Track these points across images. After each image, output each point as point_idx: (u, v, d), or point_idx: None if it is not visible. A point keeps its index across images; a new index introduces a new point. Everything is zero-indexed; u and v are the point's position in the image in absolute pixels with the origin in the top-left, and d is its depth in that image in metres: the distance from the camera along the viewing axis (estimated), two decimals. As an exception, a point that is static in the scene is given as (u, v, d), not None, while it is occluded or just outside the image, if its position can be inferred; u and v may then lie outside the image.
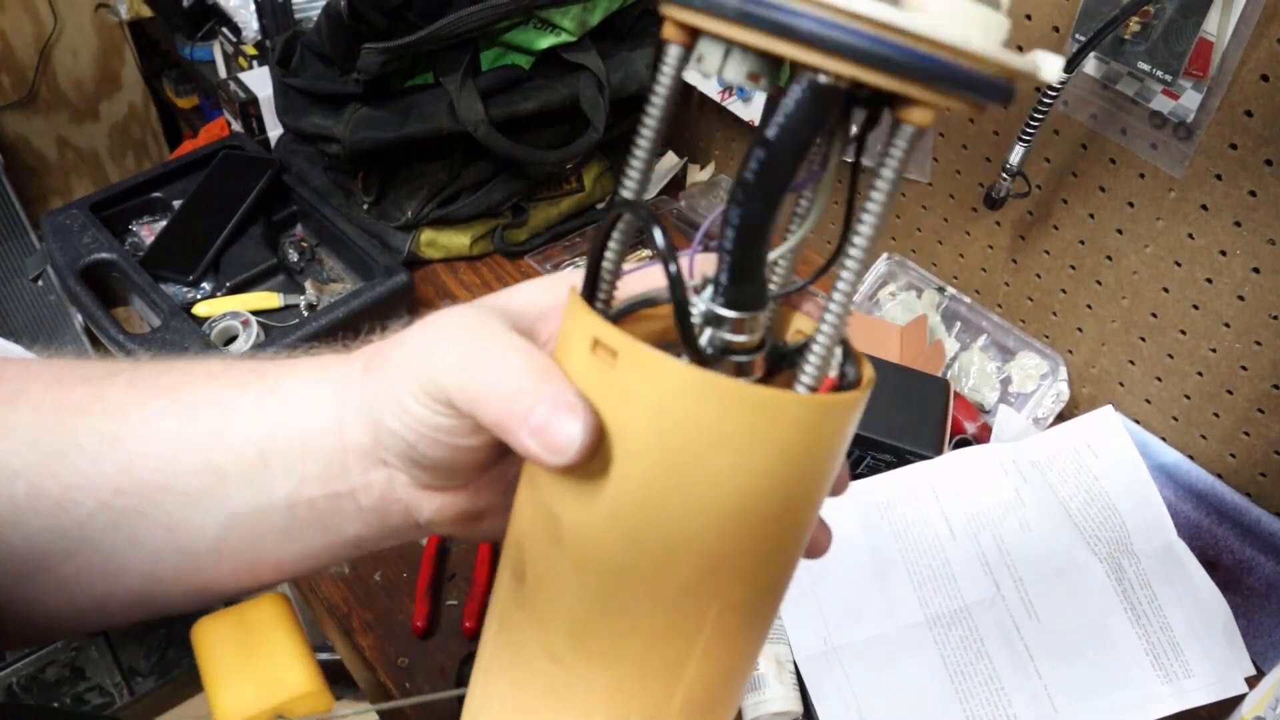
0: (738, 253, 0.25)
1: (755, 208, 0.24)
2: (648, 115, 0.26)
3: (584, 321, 0.26)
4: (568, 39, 1.07)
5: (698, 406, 0.24)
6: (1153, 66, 0.77)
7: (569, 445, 0.26)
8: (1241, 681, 0.71)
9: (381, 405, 0.31)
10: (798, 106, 0.23)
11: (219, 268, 1.03)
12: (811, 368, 0.26)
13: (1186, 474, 0.89)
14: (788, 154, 0.23)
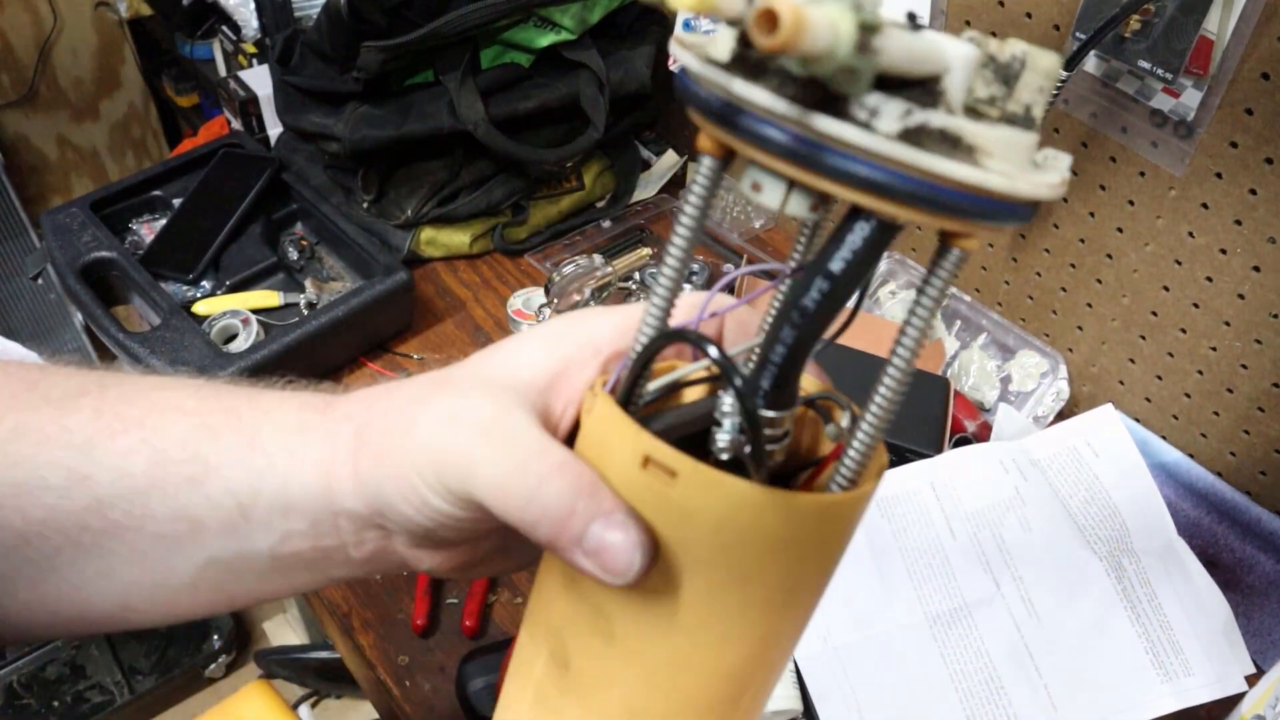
0: (786, 366, 0.26)
1: (810, 331, 0.25)
2: (680, 225, 0.26)
3: (631, 438, 0.26)
4: (567, 37, 1.07)
5: (762, 520, 0.26)
6: (1153, 65, 0.77)
7: (629, 568, 0.26)
8: (1241, 680, 0.71)
9: (390, 490, 0.30)
10: (865, 244, 0.24)
11: (219, 266, 1.03)
12: (851, 468, 0.27)
13: (1187, 472, 0.89)
14: (849, 285, 0.24)
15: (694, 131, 0.24)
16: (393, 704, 0.75)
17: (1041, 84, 0.23)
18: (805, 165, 0.21)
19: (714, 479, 0.25)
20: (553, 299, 1.04)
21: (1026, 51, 0.23)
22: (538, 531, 0.28)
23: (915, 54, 0.21)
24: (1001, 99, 0.23)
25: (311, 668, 1.56)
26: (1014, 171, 0.22)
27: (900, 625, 0.74)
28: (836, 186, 0.22)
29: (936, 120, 0.21)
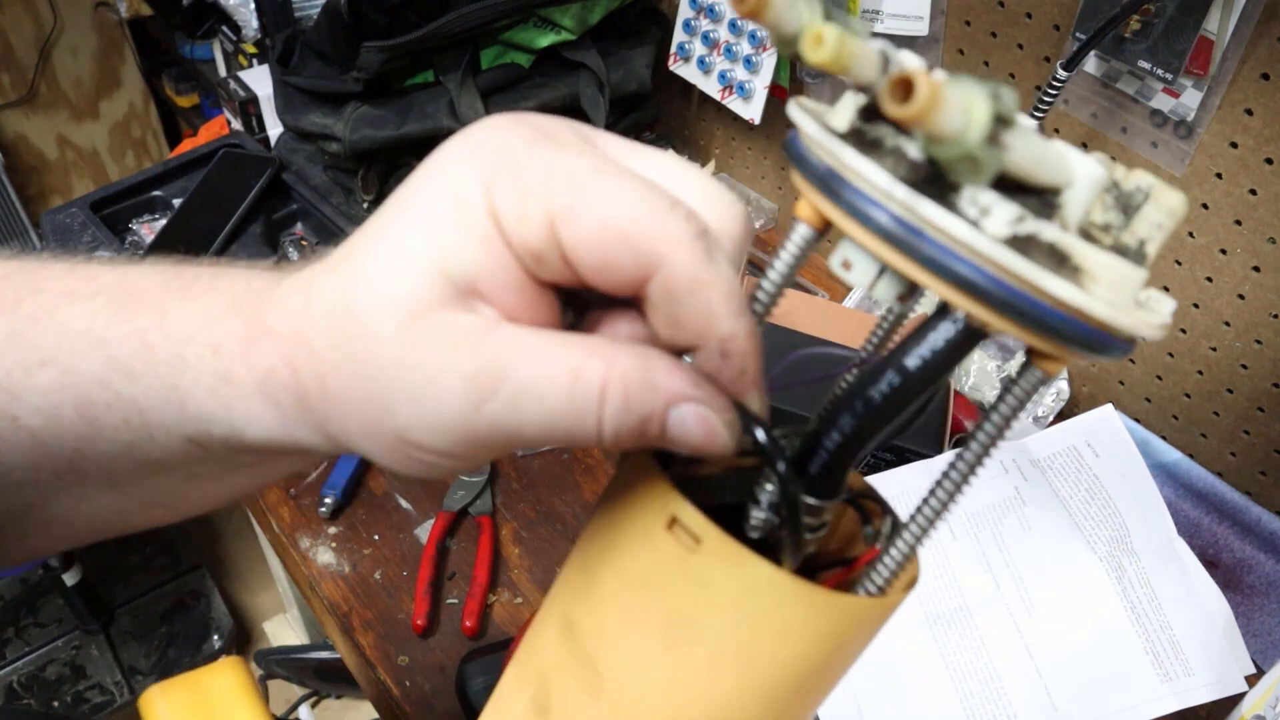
0: (838, 455, 0.25)
1: (872, 425, 0.24)
2: (763, 290, 0.25)
3: (660, 495, 0.25)
4: (568, 37, 1.07)
5: (782, 608, 0.25)
6: (1153, 65, 0.77)
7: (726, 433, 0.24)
8: (1241, 680, 0.71)
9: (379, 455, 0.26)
10: (946, 346, 0.23)
11: (219, 266, 1.03)
12: (884, 575, 0.27)
13: (1187, 473, 0.89)
14: (922, 385, 0.23)
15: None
16: (393, 704, 0.75)
17: (1162, 221, 0.22)
18: (903, 251, 0.21)
19: (738, 555, 0.24)
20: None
21: (1153, 186, 0.22)
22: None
23: (1042, 160, 0.21)
24: (1118, 228, 0.22)
25: (311, 668, 1.56)
26: (1118, 302, 0.21)
27: (900, 625, 0.74)
28: (930, 279, 0.21)
29: (1048, 233, 0.20)
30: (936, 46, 0.94)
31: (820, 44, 0.19)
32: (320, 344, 0.25)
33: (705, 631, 0.25)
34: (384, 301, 0.23)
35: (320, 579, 0.81)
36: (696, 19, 1.15)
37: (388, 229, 0.24)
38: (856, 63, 0.20)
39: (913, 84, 0.18)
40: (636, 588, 0.26)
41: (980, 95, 0.18)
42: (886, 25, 0.95)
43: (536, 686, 0.29)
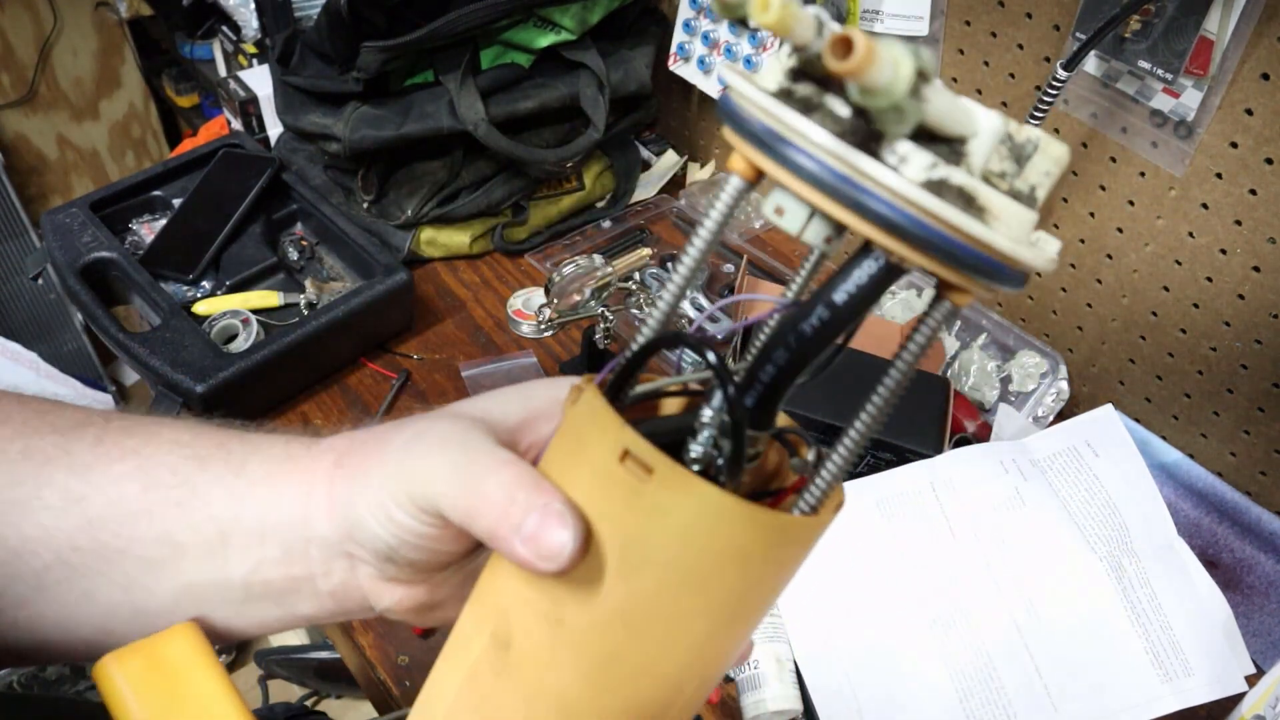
0: (772, 387, 0.27)
1: (803, 356, 0.27)
2: (697, 237, 0.27)
3: (614, 430, 0.27)
4: (568, 37, 1.07)
5: (728, 528, 0.27)
6: (1153, 65, 0.77)
7: (560, 553, 0.27)
8: (1241, 680, 0.71)
9: (361, 508, 0.32)
10: (870, 281, 0.25)
11: (219, 266, 1.03)
12: (813, 498, 0.28)
13: (1187, 473, 0.89)
14: (849, 318, 0.26)
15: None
16: (393, 704, 0.75)
17: (1049, 169, 0.25)
18: (832, 196, 0.23)
19: (689, 481, 0.26)
20: (553, 299, 1.04)
21: (1040, 138, 0.25)
22: (480, 521, 0.29)
23: (952, 112, 0.23)
24: (1011, 175, 0.25)
25: (311, 668, 1.56)
26: (1016, 238, 0.23)
27: (900, 625, 0.74)
28: (857, 220, 0.23)
29: (957, 177, 0.23)
30: (936, 46, 0.94)
31: (766, 8, 0.21)
32: (357, 440, 0.34)
33: (659, 556, 0.27)
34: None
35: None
36: (696, 19, 1.15)
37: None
38: (798, 25, 0.22)
39: (851, 42, 0.20)
40: (593, 519, 0.28)
41: (905, 52, 0.21)
42: (886, 25, 0.95)
43: (496, 623, 0.30)
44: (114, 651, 0.33)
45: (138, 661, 0.33)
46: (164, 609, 0.34)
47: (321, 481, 0.33)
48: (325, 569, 0.34)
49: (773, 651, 0.72)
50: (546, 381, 0.35)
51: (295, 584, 0.34)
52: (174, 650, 0.33)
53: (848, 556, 0.77)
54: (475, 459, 0.30)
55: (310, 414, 0.96)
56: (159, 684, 0.32)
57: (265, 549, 0.34)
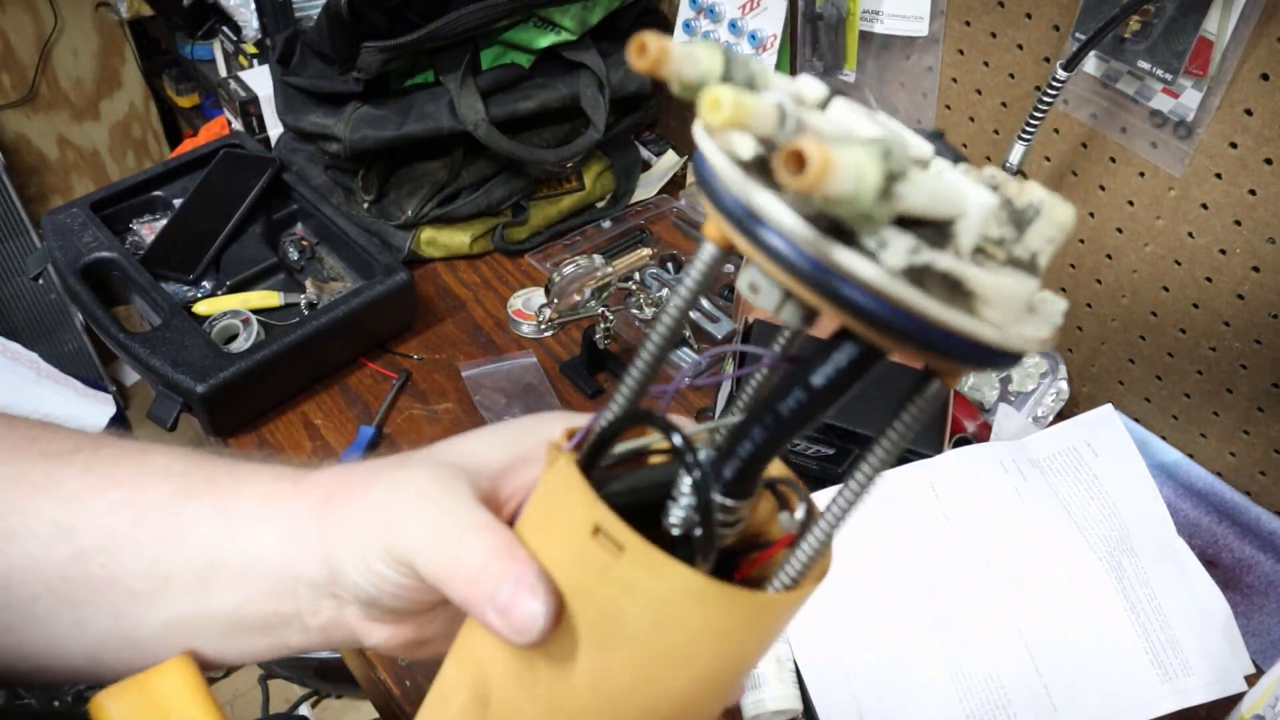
0: (750, 462, 0.27)
1: (780, 436, 0.26)
2: (672, 306, 0.26)
3: (587, 505, 0.27)
4: (568, 38, 1.07)
5: (701, 609, 0.26)
6: (1153, 65, 0.77)
7: (531, 625, 0.27)
8: (1241, 680, 0.71)
9: (342, 556, 0.32)
10: (850, 365, 0.24)
11: (219, 266, 1.03)
12: (797, 567, 0.28)
13: (1186, 473, 0.89)
14: (828, 401, 0.25)
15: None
16: (393, 704, 0.75)
17: (1052, 234, 0.23)
18: (805, 283, 0.22)
19: (659, 562, 0.26)
20: (553, 299, 1.04)
21: (1044, 201, 0.23)
22: (454, 587, 0.29)
23: (935, 199, 0.22)
24: (1010, 242, 0.23)
25: (311, 668, 1.56)
26: (1007, 321, 0.22)
27: (900, 625, 0.74)
28: (831, 309, 0.22)
29: (942, 262, 0.21)
30: (936, 47, 0.94)
31: (717, 108, 0.20)
32: (340, 482, 0.34)
33: (631, 631, 0.27)
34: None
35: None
36: (696, 19, 1.15)
37: None
38: (755, 119, 0.20)
39: (804, 157, 0.18)
40: (566, 591, 0.28)
41: (871, 158, 0.19)
42: (886, 25, 0.95)
43: (475, 679, 0.30)
44: (108, 689, 0.33)
45: (131, 698, 0.33)
46: (152, 638, 0.35)
47: (307, 523, 0.33)
48: (313, 606, 0.34)
49: (773, 651, 0.72)
50: (531, 422, 0.35)
51: (283, 619, 0.34)
52: (167, 686, 0.33)
53: (848, 557, 0.78)
54: (452, 521, 0.30)
55: (310, 414, 0.96)
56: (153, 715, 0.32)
57: (252, 585, 0.34)
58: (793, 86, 0.24)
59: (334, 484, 0.34)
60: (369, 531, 0.31)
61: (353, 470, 0.35)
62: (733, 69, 0.22)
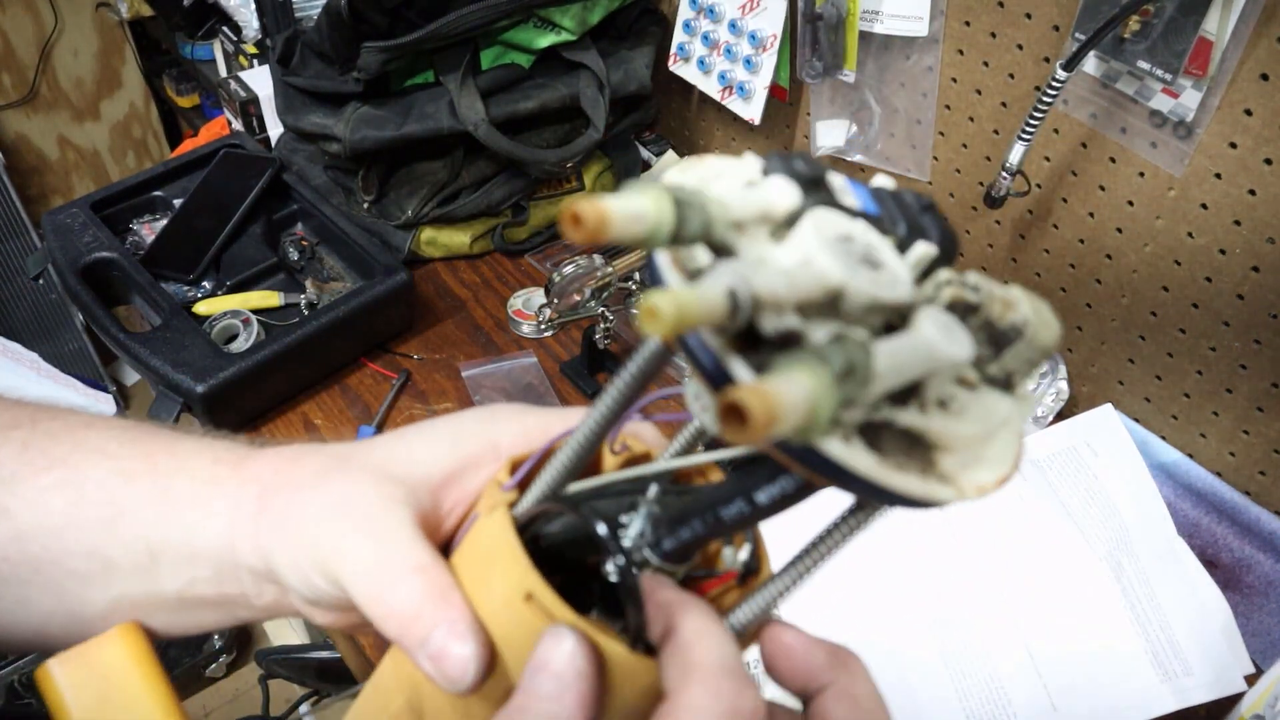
0: (688, 544, 0.27)
1: (719, 534, 0.27)
2: (608, 396, 0.26)
3: (520, 572, 0.27)
4: (568, 38, 1.07)
5: (629, 679, 0.27)
6: (1152, 65, 0.77)
7: (463, 676, 0.27)
8: (1240, 680, 0.71)
9: (281, 562, 0.32)
10: (795, 490, 0.24)
11: (219, 266, 1.03)
12: (739, 623, 0.29)
13: (1186, 473, 0.89)
14: (768, 515, 0.25)
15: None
16: (393, 704, 0.75)
17: (1032, 357, 0.23)
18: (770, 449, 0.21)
19: (589, 635, 0.26)
20: (553, 299, 1.05)
21: (1027, 322, 0.22)
22: (387, 627, 0.29)
23: (903, 374, 0.20)
24: (986, 361, 0.22)
25: (312, 668, 1.56)
26: (963, 468, 0.21)
27: (900, 626, 0.74)
28: (781, 456, 0.21)
29: (904, 419, 0.21)
30: (936, 47, 0.94)
31: (655, 319, 0.17)
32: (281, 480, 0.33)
33: None
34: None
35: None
36: (696, 19, 1.15)
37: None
38: (705, 318, 0.18)
39: (744, 410, 0.16)
40: (497, 641, 0.28)
41: (827, 387, 0.17)
42: (886, 25, 0.95)
43: (411, 693, 0.31)
44: (56, 656, 0.33)
45: (77, 665, 0.33)
46: (99, 615, 0.34)
47: (246, 516, 0.33)
48: (257, 590, 0.34)
49: (772, 651, 0.73)
50: (475, 420, 0.34)
51: (230, 599, 0.34)
52: (113, 653, 0.33)
53: (848, 556, 0.78)
54: (389, 558, 0.30)
55: (310, 414, 0.96)
56: (98, 687, 0.32)
57: (197, 569, 0.34)
58: (759, 203, 0.22)
59: (273, 478, 0.34)
60: (306, 548, 0.31)
61: (292, 464, 0.34)
62: (686, 216, 0.19)
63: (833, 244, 0.21)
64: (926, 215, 0.24)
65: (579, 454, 0.28)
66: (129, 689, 0.33)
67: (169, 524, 0.34)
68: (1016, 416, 0.23)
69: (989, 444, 0.22)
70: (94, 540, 0.34)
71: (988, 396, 0.22)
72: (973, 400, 0.22)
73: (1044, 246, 0.95)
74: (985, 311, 0.22)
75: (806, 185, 0.23)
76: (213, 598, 0.34)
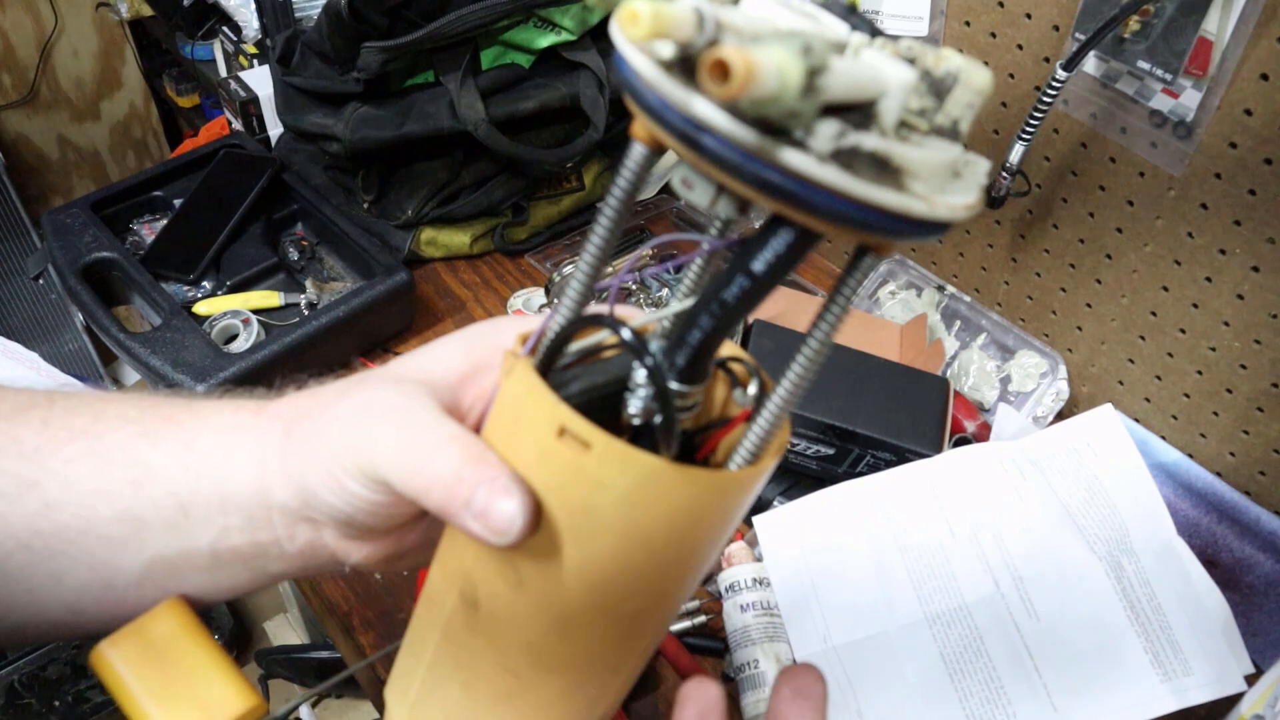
0: (700, 349, 0.28)
1: (727, 321, 0.27)
2: (606, 210, 0.27)
3: (549, 408, 0.27)
4: (568, 38, 1.07)
5: (669, 493, 0.27)
6: (1152, 65, 0.77)
7: (510, 526, 0.28)
8: (1240, 680, 0.71)
9: (314, 478, 0.32)
10: (787, 249, 0.25)
11: (219, 266, 1.03)
12: (754, 443, 0.29)
13: (1186, 472, 0.89)
14: (769, 284, 0.26)
15: None
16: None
17: (971, 100, 0.24)
18: (736, 176, 0.22)
19: (626, 454, 0.27)
20: (553, 299, 1.05)
21: (960, 68, 0.24)
22: (430, 498, 0.29)
23: (857, 84, 0.22)
24: (931, 111, 0.24)
25: (312, 667, 1.56)
26: (934, 193, 0.23)
27: (900, 625, 0.74)
28: (765, 199, 0.22)
29: (869, 143, 0.22)
30: (936, 47, 0.94)
31: (635, 21, 0.20)
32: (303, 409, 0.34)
33: (607, 522, 0.28)
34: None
35: (321, 579, 0.82)
36: None
37: None
38: (673, 28, 0.21)
39: (726, 65, 0.19)
40: (539, 490, 0.28)
41: (792, 56, 0.20)
42: (886, 25, 0.95)
43: (463, 584, 0.31)
44: (109, 638, 0.33)
45: (131, 643, 0.33)
46: (133, 583, 0.35)
47: (274, 451, 0.34)
48: (290, 533, 0.34)
49: (773, 650, 0.73)
50: (481, 329, 0.36)
51: (262, 548, 0.35)
52: (165, 627, 0.34)
53: (848, 555, 0.78)
54: (422, 434, 0.30)
55: (311, 414, 0.96)
56: (156, 661, 0.33)
57: (228, 518, 0.34)
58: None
59: (296, 409, 0.34)
60: (339, 453, 0.31)
61: (313, 394, 0.35)
62: None
63: (779, 3, 0.24)
64: (854, 15, 0.25)
65: (591, 272, 0.28)
66: (185, 656, 0.33)
67: (197, 476, 0.34)
68: (973, 169, 0.24)
69: (953, 180, 0.24)
70: (124, 503, 0.34)
71: (939, 142, 0.24)
72: (926, 141, 0.24)
73: (1044, 246, 0.95)
74: (921, 63, 0.24)
75: None
76: (245, 548, 0.34)
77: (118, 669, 0.32)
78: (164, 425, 0.35)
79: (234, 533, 0.34)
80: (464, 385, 0.34)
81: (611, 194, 0.27)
